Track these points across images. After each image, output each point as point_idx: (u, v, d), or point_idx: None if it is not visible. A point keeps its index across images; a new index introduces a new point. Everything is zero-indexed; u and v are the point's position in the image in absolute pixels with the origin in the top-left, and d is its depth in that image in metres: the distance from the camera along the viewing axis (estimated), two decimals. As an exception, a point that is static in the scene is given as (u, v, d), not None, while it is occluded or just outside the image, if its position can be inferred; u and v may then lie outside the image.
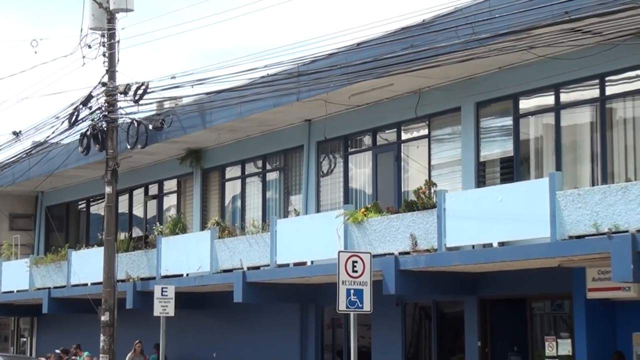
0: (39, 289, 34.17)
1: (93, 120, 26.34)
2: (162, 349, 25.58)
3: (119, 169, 26.37)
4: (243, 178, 28.56)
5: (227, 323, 29.02)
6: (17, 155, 31.84)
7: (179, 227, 28.95)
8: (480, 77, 20.94)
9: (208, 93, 25.13)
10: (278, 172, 27.25)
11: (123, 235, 32.06)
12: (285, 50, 29.93)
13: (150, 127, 26.88)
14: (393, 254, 20.36)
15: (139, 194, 33.54)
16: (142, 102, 25.81)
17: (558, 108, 19.81)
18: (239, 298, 24.46)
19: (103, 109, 26.14)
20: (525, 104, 20.56)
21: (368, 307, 17.17)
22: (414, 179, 22.64)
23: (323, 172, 25.65)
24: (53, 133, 27.83)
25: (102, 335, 25.78)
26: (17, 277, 35.48)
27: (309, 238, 22.60)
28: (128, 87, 25.62)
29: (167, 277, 27.47)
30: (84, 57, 26.19)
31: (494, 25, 18.01)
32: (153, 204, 32.73)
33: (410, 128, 23.28)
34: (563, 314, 20.26)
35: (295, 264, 23.30)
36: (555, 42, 17.56)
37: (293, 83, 22.71)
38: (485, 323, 21.40)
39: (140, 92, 25.48)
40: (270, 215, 25.69)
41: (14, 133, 29.98)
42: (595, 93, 19.06)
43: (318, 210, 25.22)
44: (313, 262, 22.52)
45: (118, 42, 25.94)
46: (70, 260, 32.30)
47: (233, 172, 29.05)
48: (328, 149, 25.54)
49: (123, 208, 33.77)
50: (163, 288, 25.16)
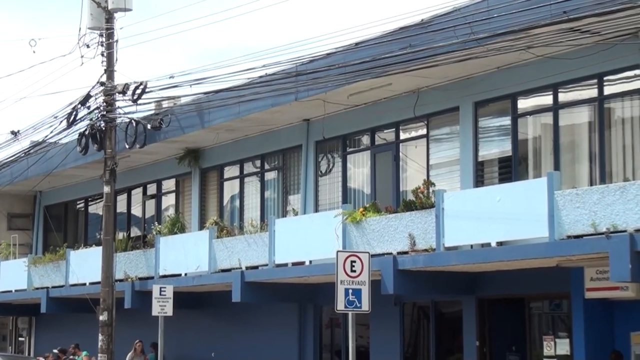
0: (37, 289, 34.10)
1: (91, 120, 26.34)
2: (160, 349, 25.57)
3: (118, 169, 26.37)
4: (241, 178, 28.54)
5: (225, 323, 28.99)
6: (15, 155, 31.84)
7: (178, 226, 28.93)
8: (479, 76, 20.94)
9: (206, 93, 25.13)
10: (276, 171, 27.23)
11: (121, 235, 31.96)
12: (284, 50, 29.94)
13: (149, 126, 26.88)
14: (391, 254, 20.35)
15: (138, 194, 33.52)
16: (140, 101, 25.83)
17: (556, 108, 19.80)
18: (238, 298, 24.45)
19: (101, 109, 26.14)
20: (524, 104, 20.54)
21: (366, 306, 17.18)
22: (413, 179, 22.63)
23: (321, 171, 25.63)
24: (51, 132, 27.86)
25: (100, 335, 25.79)
26: (15, 276, 35.39)
27: (308, 238, 22.57)
28: (126, 86, 25.63)
29: (165, 276, 27.44)
30: (83, 56, 26.26)
31: (492, 25, 18.01)
32: (151, 204, 32.71)
33: (409, 128, 23.28)
34: (561, 314, 20.25)
35: (294, 264, 23.28)
36: (554, 41, 17.55)
37: (291, 83, 22.70)
38: (484, 323, 21.38)
39: (139, 91, 25.49)
40: (269, 215, 25.69)
41: (12, 132, 29.92)
42: (594, 93, 19.05)
43: (316, 210, 25.21)
44: (311, 261, 22.49)
45: (116, 41, 25.98)
46: (69, 260, 32.25)
47: (231, 171, 29.03)
48: (326, 149, 25.53)
49: (121, 208, 33.72)
50: (161, 288, 25.17)
